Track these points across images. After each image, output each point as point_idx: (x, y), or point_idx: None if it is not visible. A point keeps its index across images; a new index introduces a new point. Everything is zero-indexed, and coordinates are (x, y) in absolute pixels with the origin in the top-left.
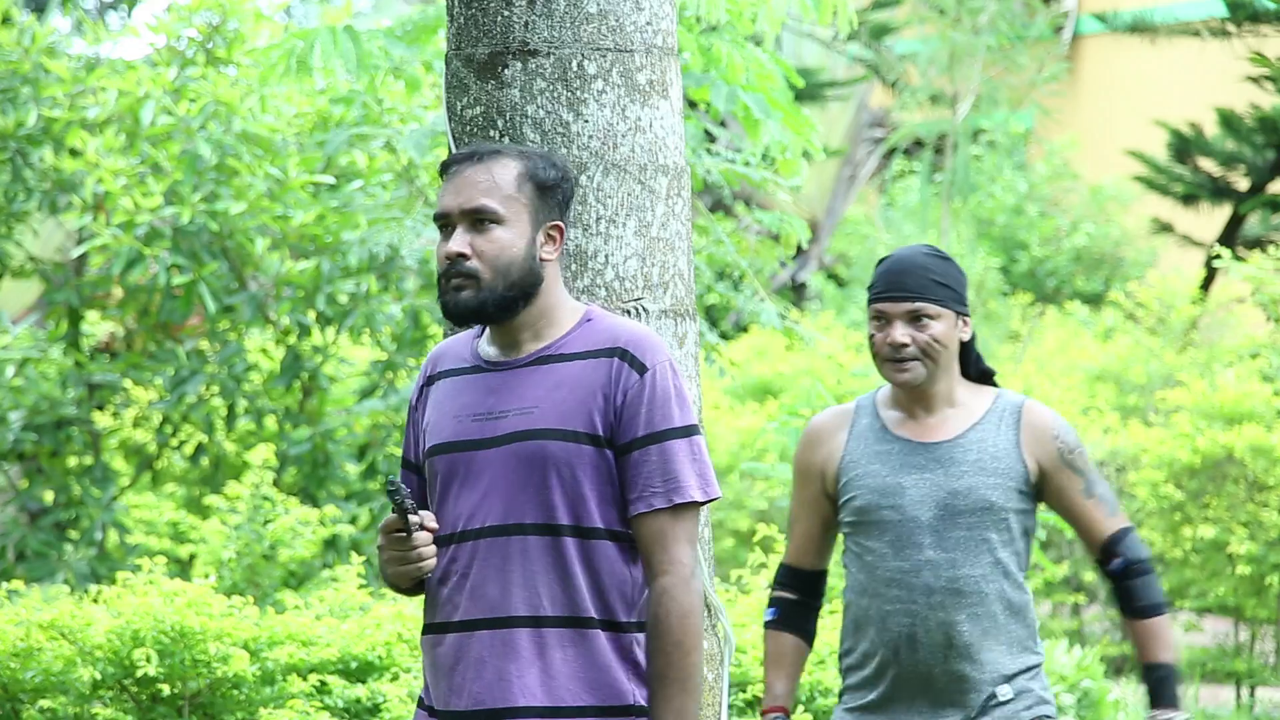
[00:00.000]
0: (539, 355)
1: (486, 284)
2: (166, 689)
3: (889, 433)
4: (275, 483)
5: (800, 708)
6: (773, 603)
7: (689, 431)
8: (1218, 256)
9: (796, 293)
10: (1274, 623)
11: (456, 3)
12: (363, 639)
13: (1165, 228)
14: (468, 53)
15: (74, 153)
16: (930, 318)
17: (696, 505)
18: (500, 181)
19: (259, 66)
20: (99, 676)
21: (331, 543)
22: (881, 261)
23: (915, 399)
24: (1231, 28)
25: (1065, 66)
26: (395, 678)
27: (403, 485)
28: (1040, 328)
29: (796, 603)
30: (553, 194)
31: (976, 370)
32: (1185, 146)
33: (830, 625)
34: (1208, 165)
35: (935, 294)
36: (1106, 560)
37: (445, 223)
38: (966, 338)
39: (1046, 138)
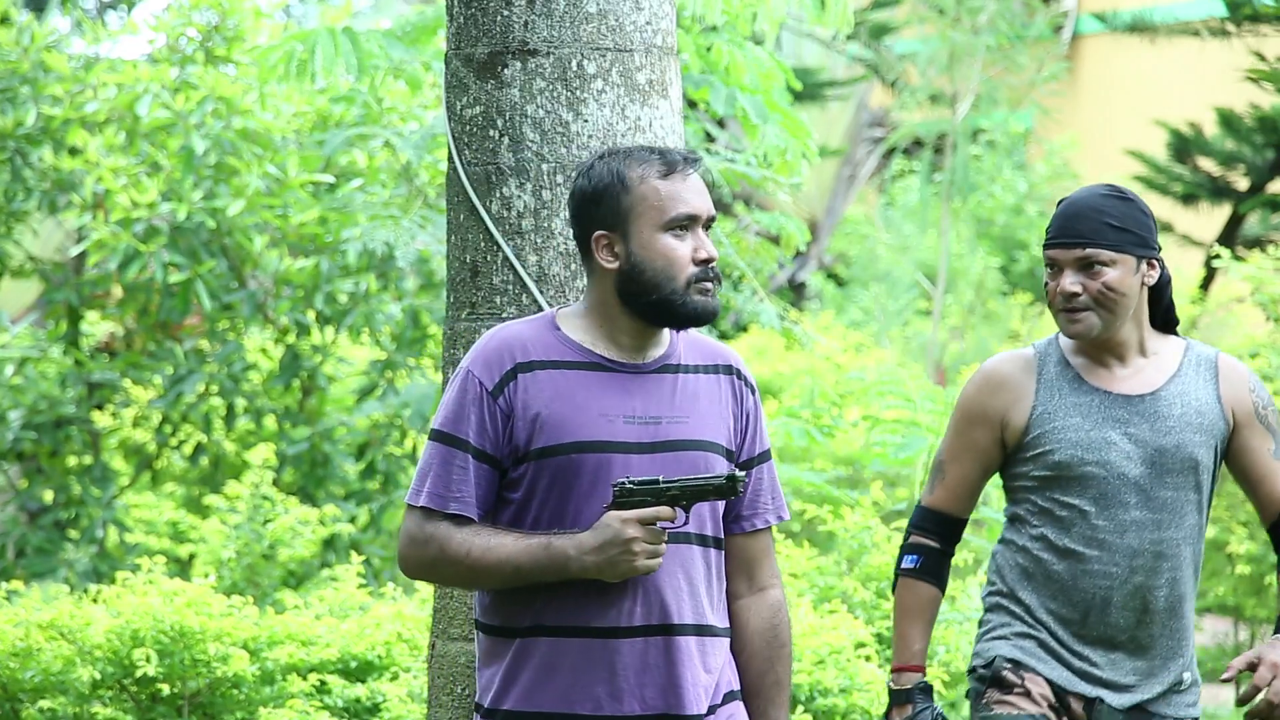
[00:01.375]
0: (663, 363)
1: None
2: (166, 689)
3: (1085, 382)
4: (275, 482)
5: (800, 707)
6: (912, 549)
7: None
8: (1217, 256)
9: (796, 292)
10: (1273, 622)
11: (456, 2)
12: (362, 639)
13: (1165, 227)
14: (467, 52)
15: (73, 151)
16: (1103, 264)
17: None
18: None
19: (259, 66)
20: (98, 676)
21: (331, 542)
22: (1059, 204)
23: (1104, 348)
24: (1231, 28)
25: (1065, 66)
26: (395, 677)
27: (739, 475)
28: (1040, 327)
29: (938, 551)
30: None
31: (1162, 319)
32: (1185, 146)
33: (830, 624)
34: (1207, 165)
35: (1108, 238)
36: None
37: (690, 224)
38: (1153, 282)
39: (1046, 137)
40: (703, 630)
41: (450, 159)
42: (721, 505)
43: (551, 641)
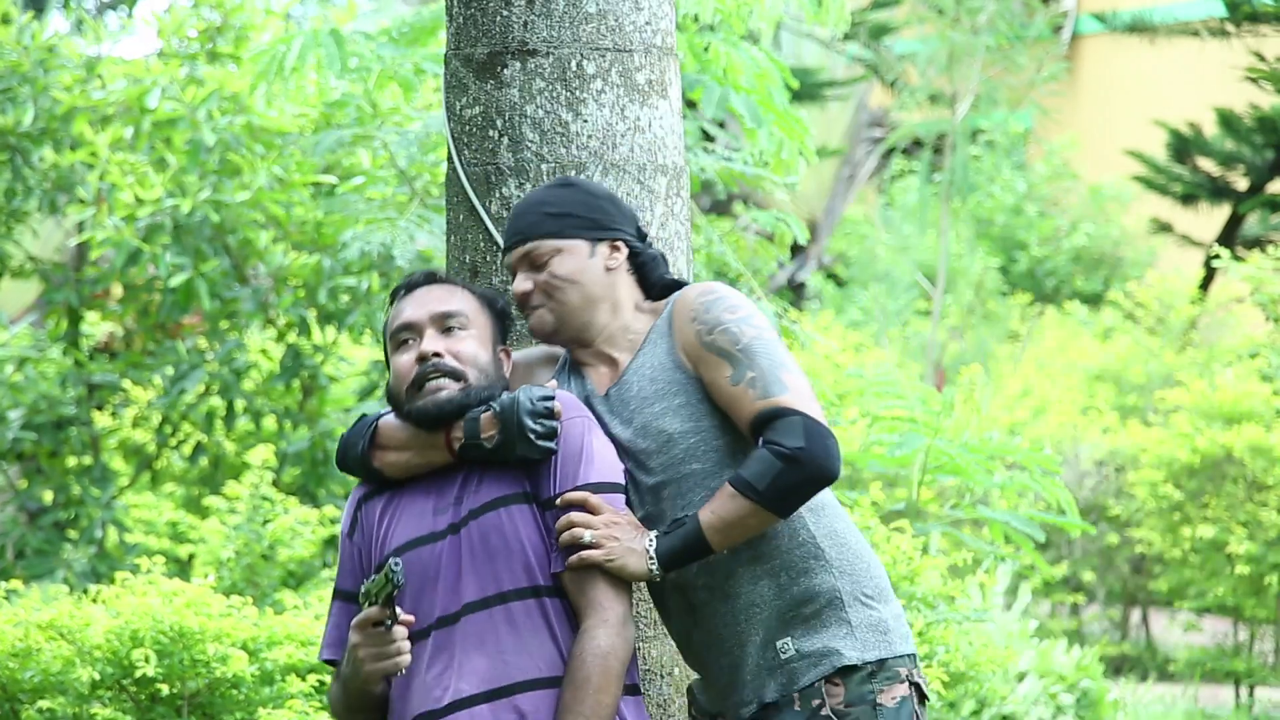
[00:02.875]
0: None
1: (473, 383)
2: (165, 689)
3: (585, 383)
4: (274, 482)
5: None
6: None
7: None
8: (1217, 256)
9: (796, 292)
10: (1273, 622)
11: (455, 3)
12: None
13: (1164, 227)
14: (467, 52)
15: (74, 147)
16: (547, 255)
17: None
18: (464, 296)
19: (254, 67)
20: (98, 677)
21: (331, 542)
22: None
23: (580, 344)
24: (1230, 28)
25: (1064, 66)
26: None
27: (389, 562)
28: (1039, 328)
29: None
30: (505, 321)
31: (659, 293)
32: (1184, 146)
33: None
34: (1207, 165)
35: (546, 228)
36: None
37: (408, 333)
38: (617, 264)
39: (1046, 138)
40: (546, 684)
41: (450, 159)
42: (532, 555)
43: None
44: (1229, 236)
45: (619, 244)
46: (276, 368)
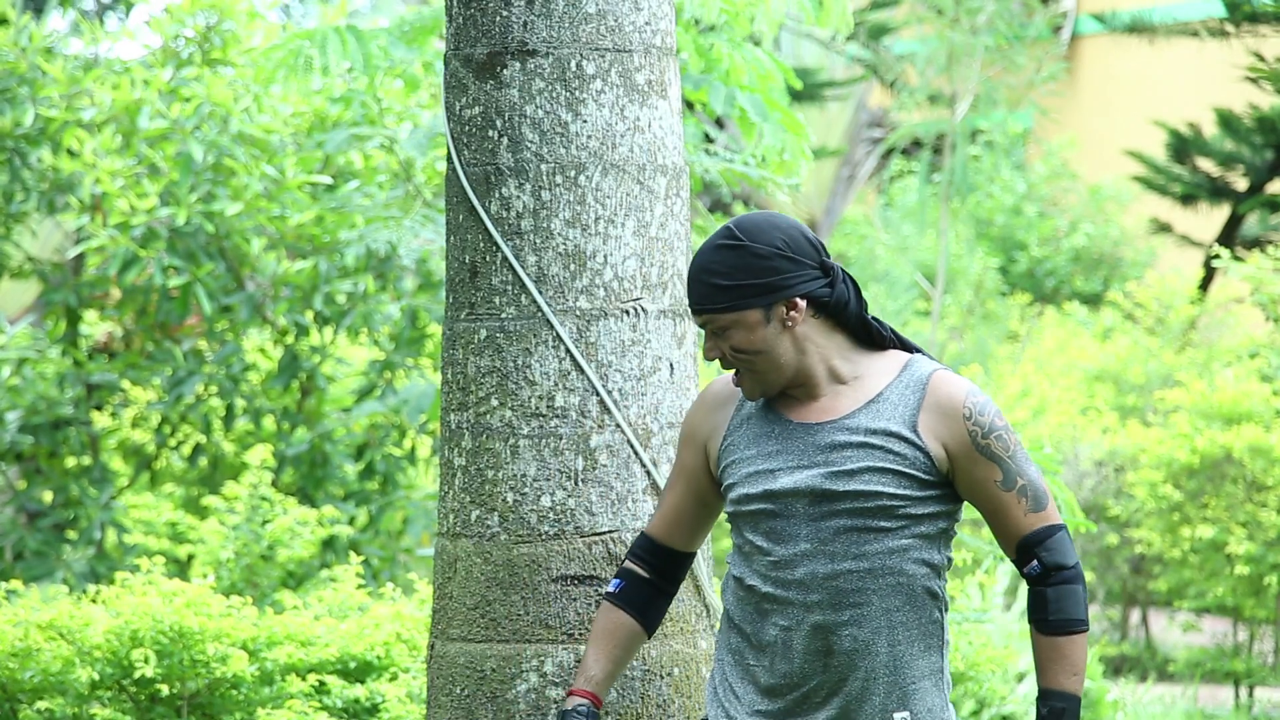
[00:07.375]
0: None
1: None
2: (165, 689)
3: (773, 410)
4: (273, 483)
5: None
6: (618, 574)
7: None
8: (1216, 256)
9: None
10: (1273, 622)
11: (455, 2)
12: (361, 639)
13: (1164, 228)
14: (466, 52)
15: (71, 153)
16: (724, 328)
17: None
18: None
19: (258, 66)
20: (97, 677)
21: (330, 543)
22: None
23: (791, 387)
24: (1230, 28)
25: (1064, 66)
26: (394, 678)
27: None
28: (1039, 328)
29: (645, 581)
30: None
31: (866, 336)
32: (1184, 146)
33: None
34: (1206, 165)
35: (719, 301)
36: (1024, 562)
37: None
38: (796, 324)
39: (1045, 138)
40: None
41: (449, 159)
42: None
43: None
44: (1229, 236)
45: (793, 302)
46: (275, 368)
